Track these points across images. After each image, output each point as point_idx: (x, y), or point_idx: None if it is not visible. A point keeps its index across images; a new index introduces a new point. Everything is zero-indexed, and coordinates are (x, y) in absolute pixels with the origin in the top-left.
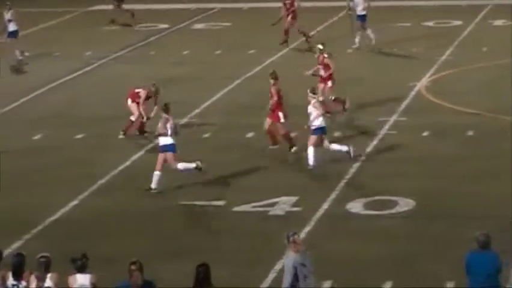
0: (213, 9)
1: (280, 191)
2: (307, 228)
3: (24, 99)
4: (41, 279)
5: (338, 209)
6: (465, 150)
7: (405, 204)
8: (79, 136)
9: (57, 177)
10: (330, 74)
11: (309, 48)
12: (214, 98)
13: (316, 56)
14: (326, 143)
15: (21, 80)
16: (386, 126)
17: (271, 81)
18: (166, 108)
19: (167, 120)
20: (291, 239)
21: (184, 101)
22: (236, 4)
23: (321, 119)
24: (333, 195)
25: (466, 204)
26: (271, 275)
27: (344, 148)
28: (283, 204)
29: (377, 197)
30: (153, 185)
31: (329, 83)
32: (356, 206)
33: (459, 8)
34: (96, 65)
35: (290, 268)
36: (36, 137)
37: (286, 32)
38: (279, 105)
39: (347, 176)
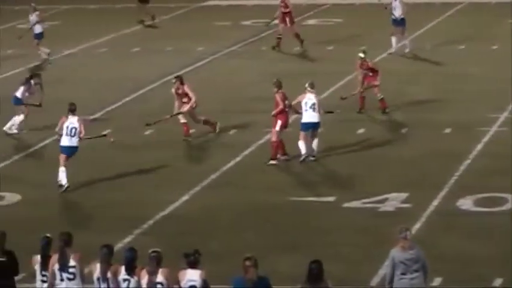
0: (324, 4)
1: (390, 188)
2: (417, 225)
3: (136, 94)
4: (152, 274)
5: (448, 205)
6: None
7: None
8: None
9: (168, 173)
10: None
11: (302, 51)
12: (326, 94)
13: (358, 64)
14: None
15: (133, 75)
16: (497, 123)
17: (275, 89)
18: (70, 108)
19: (65, 120)
20: (403, 234)
21: (296, 97)
22: (348, 0)
23: (309, 115)
24: (443, 192)
25: None
26: (382, 271)
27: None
28: (394, 200)
29: (487, 194)
30: (63, 182)
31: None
32: (466, 203)
33: None
34: (208, 60)
35: (390, 262)
36: (147, 132)
37: (298, 35)
38: (282, 113)
39: (457, 173)
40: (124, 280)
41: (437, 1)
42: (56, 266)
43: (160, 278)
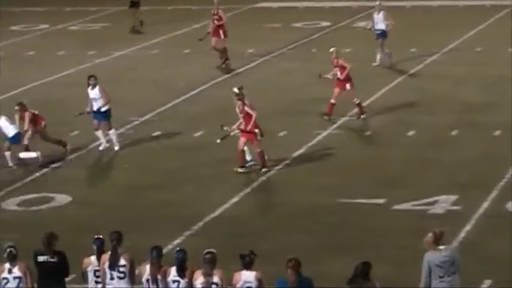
0: (375, 7)
1: (440, 190)
2: (467, 227)
3: (186, 96)
4: (208, 275)
5: (497, 208)
6: None
7: None
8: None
9: (218, 174)
10: (348, 76)
11: (223, 64)
12: (376, 96)
13: (331, 59)
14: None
15: (184, 77)
16: None
17: (239, 102)
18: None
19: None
20: (432, 238)
21: (345, 99)
22: (398, 2)
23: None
24: (493, 194)
25: None
26: None
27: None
28: (443, 202)
29: None
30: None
31: (347, 86)
32: None
33: None
34: (258, 62)
35: (425, 266)
36: (197, 134)
37: (226, 51)
38: (255, 122)
39: (507, 175)
40: (174, 281)
41: (487, 3)
42: (107, 265)
43: (215, 278)
